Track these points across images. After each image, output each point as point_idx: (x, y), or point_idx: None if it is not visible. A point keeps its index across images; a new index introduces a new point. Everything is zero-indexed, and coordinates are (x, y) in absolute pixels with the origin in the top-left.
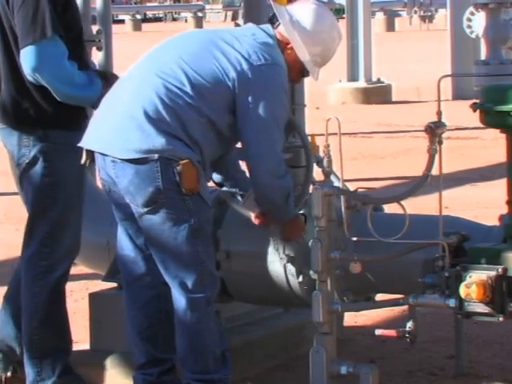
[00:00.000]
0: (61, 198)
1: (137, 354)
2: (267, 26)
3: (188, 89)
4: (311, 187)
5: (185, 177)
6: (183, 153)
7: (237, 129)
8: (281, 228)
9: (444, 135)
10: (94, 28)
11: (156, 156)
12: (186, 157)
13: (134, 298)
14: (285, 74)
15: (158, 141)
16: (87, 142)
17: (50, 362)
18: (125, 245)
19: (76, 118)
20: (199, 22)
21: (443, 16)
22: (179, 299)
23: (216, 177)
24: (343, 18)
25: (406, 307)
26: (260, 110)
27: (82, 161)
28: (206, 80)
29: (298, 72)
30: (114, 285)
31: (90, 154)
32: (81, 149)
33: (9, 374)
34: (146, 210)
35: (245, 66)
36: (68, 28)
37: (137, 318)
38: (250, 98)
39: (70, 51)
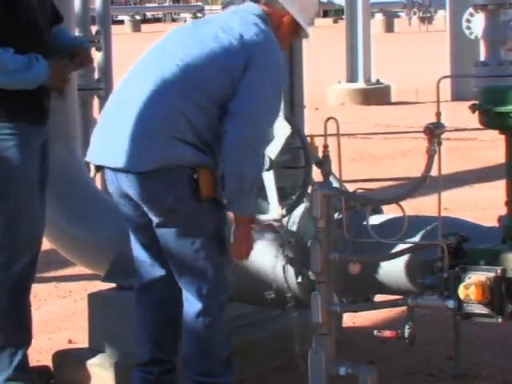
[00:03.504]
0: (12, 189)
1: (141, 351)
2: (251, 5)
3: (195, 92)
4: (310, 188)
5: (202, 184)
6: (198, 159)
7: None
8: (234, 242)
9: (443, 136)
10: (94, 28)
11: (171, 166)
12: (201, 163)
13: (147, 302)
14: (279, 47)
15: (172, 150)
16: (95, 156)
17: (8, 354)
18: (140, 254)
19: (18, 108)
20: None
21: (442, 17)
22: (193, 304)
23: None
24: (342, 18)
25: (404, 308)
26: (265, 84)
27: (91, 174)
28: (211, 80)
29: (290, 37)
30: (113, 285)
31: (99, 167)
32: (34, 140)
33: None
34: (163, 218)
35: (243, 52)
36: (12, 15)
37: (147, 321)
38: (253, 75)
39: (17, 38)
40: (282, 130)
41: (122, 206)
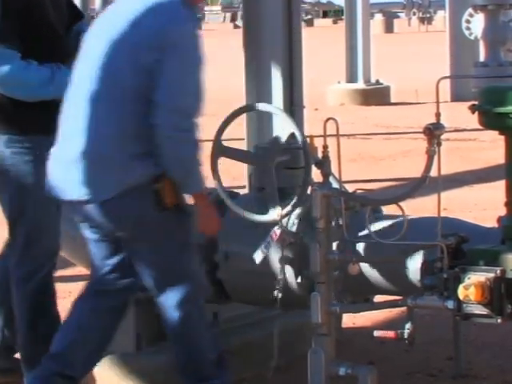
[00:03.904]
0: (30, 203)
1: (55, 344)
2: None
3: (126, 98)
4: (310, 188)
5: (163, 193)
6: (157, 170)
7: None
8: (198, 219)
9: (443, 137)
10: None
11: (130, 185)
12: (160, 172)
13: (93, 307)
14: (194, 19)
15: (130, 172)
16: (53, 189)
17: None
18: (102, 261)
19: (39, 122)
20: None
21: (442, 17)
22: (173, 313)
23: None
24: (342, 19)
25: (404, 309)
26: (182, 65)
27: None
28: (132, 80)
29: None
30: None
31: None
32: (45, 150)
33: None
34: (131, 234)
35: (154, 40)
36: (32, 27)
37: (86, 323)
38: (169, 60)
39: (38, 49)
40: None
41: (83, 226)
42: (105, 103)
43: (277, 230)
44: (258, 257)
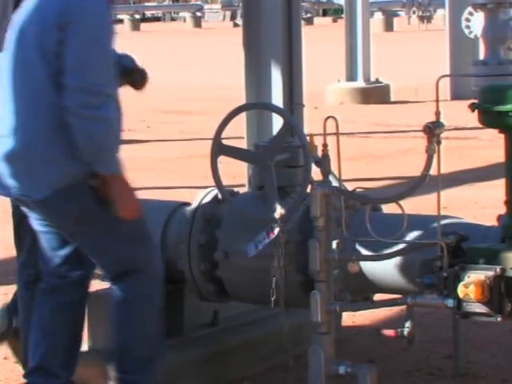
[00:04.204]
0: None
1: (31, 355)
2: None
3: (44, 93)
4: (309, 187)
5: (102, 189)
6: (83, 168)
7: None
8: (117, 204)
9: (442, 135)
10: None
11: (68, 181)
12: (89, 170)
13: (54, 302)
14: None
15: (62, 166)
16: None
17: None
18: (53, 253)
19: None
20: (198, 22)
21: (442, 16)
22: (117, 302)
23: None
24: (342, 18)
25: (404, 307)
26: (86, 43)
27: None
28: (47, 69)
29: None
30: None
31: None
32: None
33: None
34: (75, 230)
35: (56, 23)
36: None
37: (48, 322)
38: (72, 41)
39: None
40: None
41: (32, 217)
42: (27, 98)
43: (275, 228)
44: (250, 251)
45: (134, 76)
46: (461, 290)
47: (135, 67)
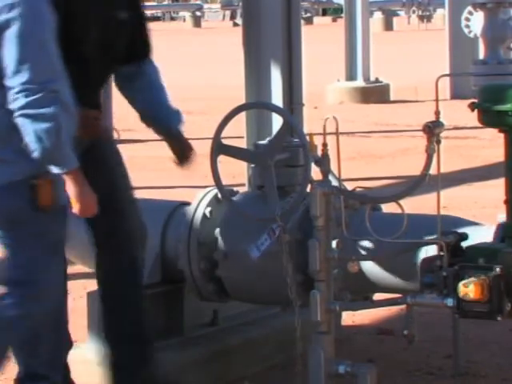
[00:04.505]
0: None
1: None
2: None
3: None
4: (309, 186)
5: (39, 193)
6: (35, 167)
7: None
8: (73, 202)
9: (442, 135)
10: None
11: (7, 180)
12: (41, 170)
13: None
14: None
15: (13, 166)
16: None
17: None
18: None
19: None
20: (197, 22)
21: (441, 15)
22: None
23: None
24: (341, 17)
25: (403, 307)
26: (19, 43)
27: None
28: None
29: None
30: None
31: None
32: None
33: None
34: (3, 232)
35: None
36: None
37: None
38: (7, 41)
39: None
40: None
41: None
42: None
43: (275, 228)
44: (253, 253)
45: (177, 148)
46: (460, 290)
47: (182, 140)
